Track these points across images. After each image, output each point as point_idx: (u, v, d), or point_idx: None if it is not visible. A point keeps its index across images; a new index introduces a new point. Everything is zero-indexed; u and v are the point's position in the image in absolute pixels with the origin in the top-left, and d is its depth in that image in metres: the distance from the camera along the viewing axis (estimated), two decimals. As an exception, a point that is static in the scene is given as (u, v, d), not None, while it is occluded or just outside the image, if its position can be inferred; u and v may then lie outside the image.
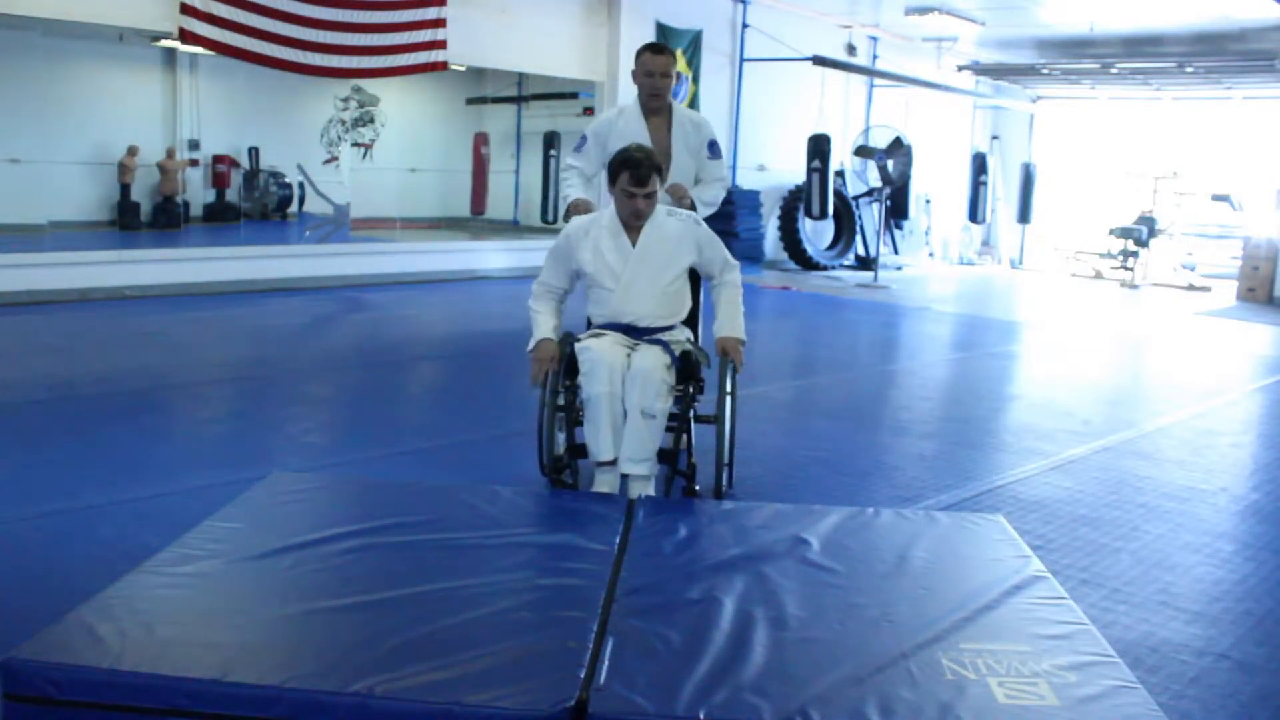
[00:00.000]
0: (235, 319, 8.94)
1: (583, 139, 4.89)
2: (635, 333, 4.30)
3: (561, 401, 4.24)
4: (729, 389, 4.33)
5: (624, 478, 4.17)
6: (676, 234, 4.31)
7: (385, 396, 6.45)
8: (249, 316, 9.08)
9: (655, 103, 4.73)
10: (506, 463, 4.89)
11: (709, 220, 4.57)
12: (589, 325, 4.55)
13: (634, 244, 4.26)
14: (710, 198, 4.87)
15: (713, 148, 4.87)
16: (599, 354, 4.05)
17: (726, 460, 4.35)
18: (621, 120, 4.79)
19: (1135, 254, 16.09)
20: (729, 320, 4.30)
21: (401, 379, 7.12)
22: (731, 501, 4.20)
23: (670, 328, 4.37)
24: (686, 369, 4.20)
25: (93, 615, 2.75)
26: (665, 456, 4.22)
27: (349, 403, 6.35)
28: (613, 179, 4.20)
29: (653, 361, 4.06)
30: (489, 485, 4.13)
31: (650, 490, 4.13)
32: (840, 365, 8.51)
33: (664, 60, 4.69)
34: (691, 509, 3.90)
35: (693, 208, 4.67)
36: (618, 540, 3.48)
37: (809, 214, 14.21)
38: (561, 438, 4.36)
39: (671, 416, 4.21)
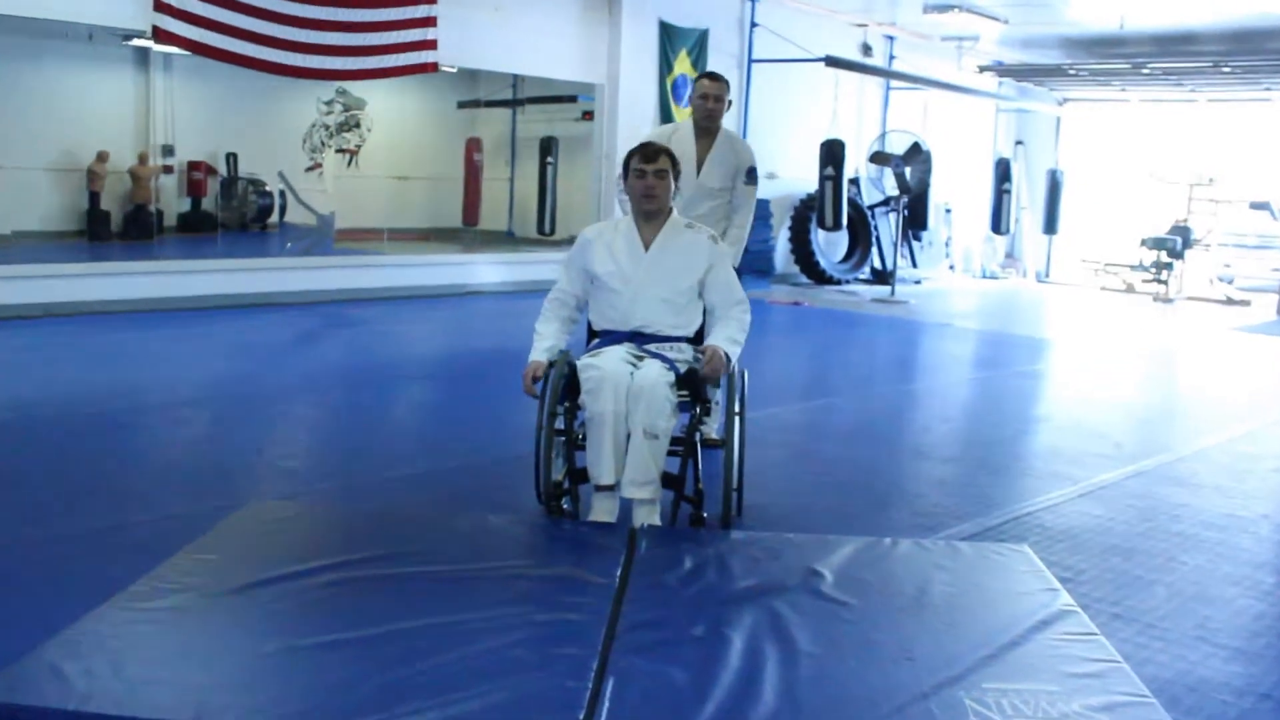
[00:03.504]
0: (211, 336, 8.94)
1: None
2: (642, 339, 4.33)
3: (560, 424, 4.24)
4: (737, 410, 4.34)
5: (627, 505, 4.17)
6: (692, 244, 4.42)
7: (372, 419, 6.46)
8: (226, 334, 9.09)
9: (708, 123, 5.57)
10: (501, 490, 4.88)
11: None
12: (590, 334, 4.59)
13: (647, 249, 4.37)
14: (736, 235, 5.62)
15: (750, 174, 5.63)
16: (604, 371, 4.07)
17: (735, 486, 4.35)
18: (677, 134, 5.58)
19: (1169, 266, 16.09)
20: (723, 338, 4.28)
21: (389, 400, 7.13)
22: (740, 530, 4.19)
23: (677, 339, 4.39)
24: (693, 390, 4.21)
25: (57, 653, 2.75)
26: (671, 482, 4.23)
27: (333, 425, 6.35)
28: (625, 172, 4.41)
29: (655, 378, 4.07)
30: (482, 514, 4.13)
31: (655, 517, 4.13)
32: (856, 385, 8.51)
33: (719, 86, 5.57)
34: (697, 539, 3.90)
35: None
36: (619, 572, 3.48)
37: (822, 224, 14.23)
38: (560, 462, 4.36)
39: (677, 440, 4.22)
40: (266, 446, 5.65)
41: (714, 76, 5.65)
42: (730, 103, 5.67)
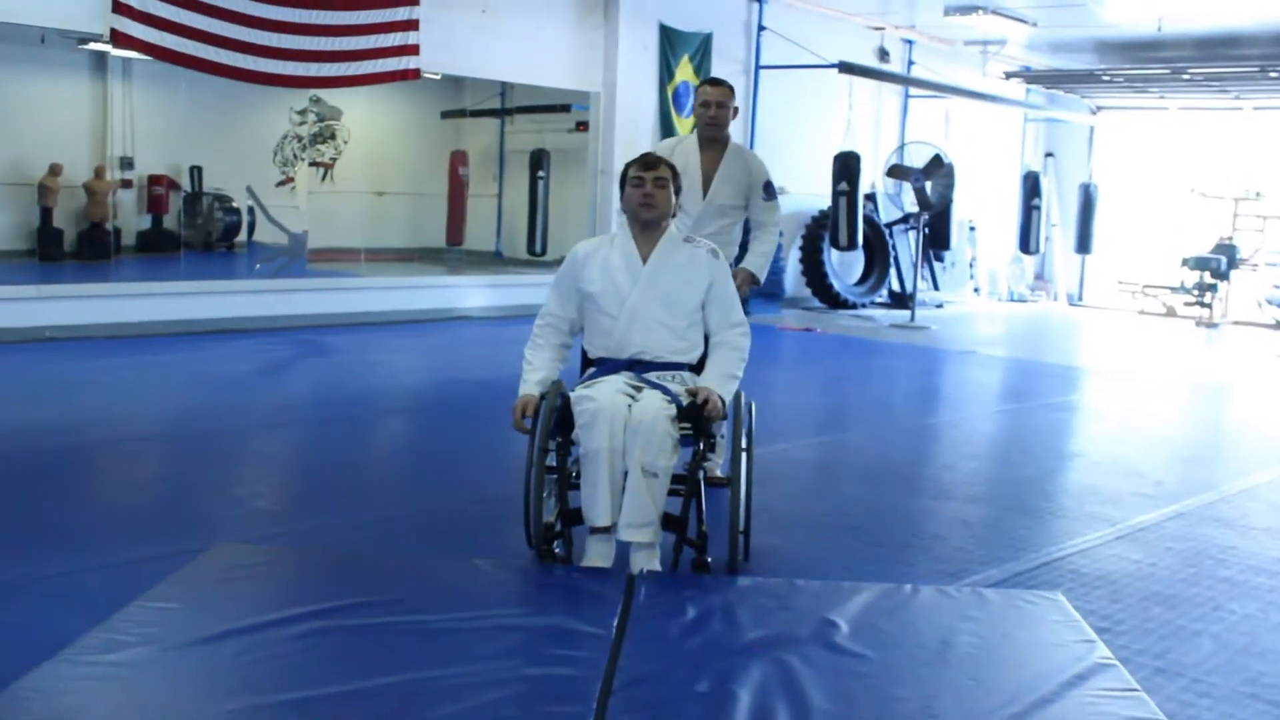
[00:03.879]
0: (174, 365, 8.95)
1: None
2: (640, 367, 4.34)
3: (552, 461, 4.24)
4: (744, 445, 4.34)
5: (624, 549, 4.16)
6: (691, 259, 4.46)
7: (348, 455, 6.45)
8: (190, 362, 9.09)
9: (712, 132, 5.58)
10: (488, 533, 4.87)
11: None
12: (584, 361, 4.60)
13: (645, 264, 4.40)
14: (765, 249, 5.82)
15: (768, 189, 5.70)
16: (599, 403, 4.07)
17: (742, 528, 4.35)
18: (680, 148, 5.60)
19: (1213, 288, 16.12)
20: (716, 376, 4.33)
21: (367, 435, 7.12)
22: (747, 577, 4.19)
23: (680, 366, 4.40)
24: (696, 423, 4.20)
25: (2, 712, 2.74)
26: (672, 524, 4.22)
27: (305, 463, 6.35)
28: (623, 183, 4.48)
29: (654, 411, 4.07)
30: (467, 559, 4.12)
31: (655, 563, 4.12)
32: (872, 418, 8.51)
33: (721, 91, 5.56)
34: (701, 586, 3.90)
35: (753, 281, 5.67)
36: (616, 622, 3.48)
37: (835, 244, 14.25)
38: (552, 503, 4.36)
39: (679, 479, 4.22)
40: (233, 485, 5.64)
41: (715, 81, 5.67)
42: (736, 109, 5.70)
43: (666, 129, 13.11)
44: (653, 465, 4.04)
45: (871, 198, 15.69)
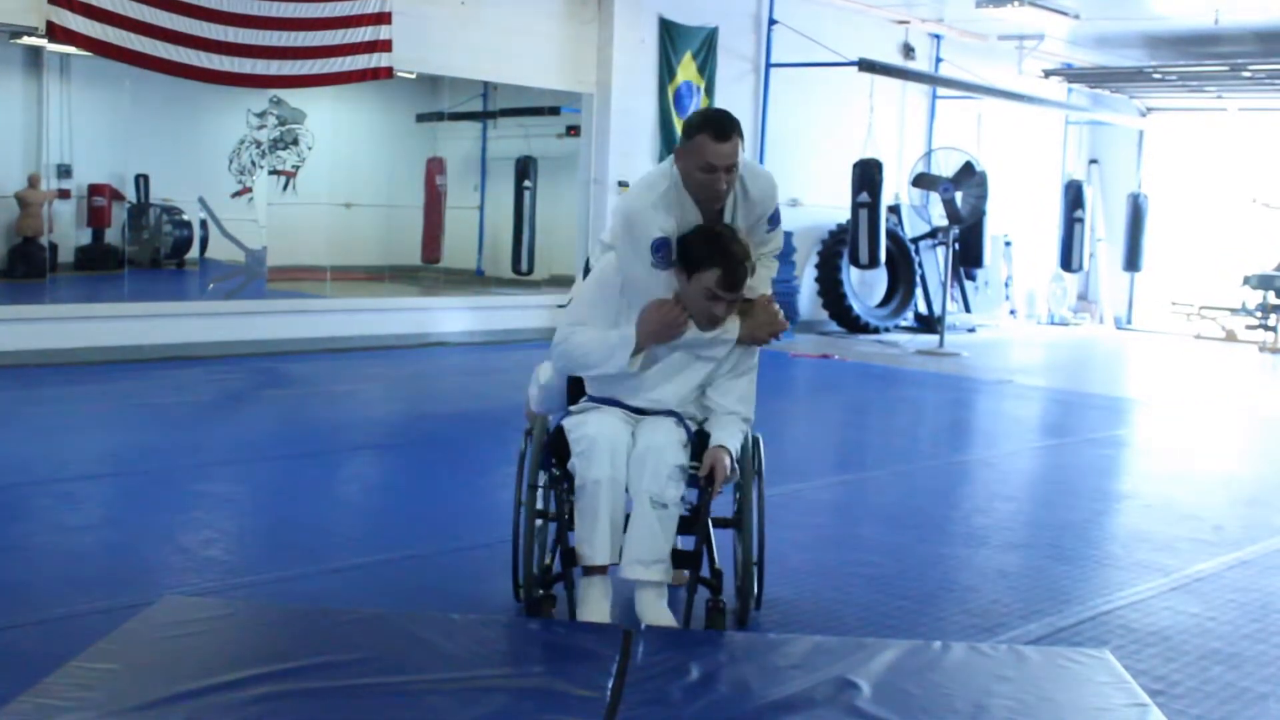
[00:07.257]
0: (115, 396, 8.95)
1: (665, 244, 4.22)
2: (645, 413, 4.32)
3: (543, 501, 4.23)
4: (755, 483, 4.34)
5: (621, 595, 4.15)
6: (727, 329, 4.36)
7: (310, 498, 6.44)
8: (134, 393, 9.09)
9: (715, 206, 4.36)
10: (466, 584, 4.86)
11: None
12: (573, 392, 4.58)
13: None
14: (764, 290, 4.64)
15: (773, 220, 4.61)
16: (598, 429, 4.07)
17: (753, 574, 4.34)
18: (674, 210, 4.31)
19: (1278, 309, 16.14)
20: (723, 435, 4.24)
21: (332, 475, 7.11)
22: (757, 632, 4.18)
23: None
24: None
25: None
26: (684, 560, 4.21)
27: (263, 505, 6.34)
28: (693, 267, 4.13)
29: (664, 437, 4.08)
30: (443, 612, 4.11)
31: (663, 603, 4.12)
32: (897, 456, 8.51)
33: (732, 148, 4.21)
34: (706, 642, 3.89)
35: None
36: (610, 684, 3.47)
37: (855, 262, 14.27)
38: (548, 543, 4.35)
39: (683, 521, 4.21)
40: (181, 531, 5.63)
41: (724, 132, 4.21)
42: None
43: (667, 133, 13.09)
44: (662, 495, 4.03)
45: (895, 210, 15.72)
